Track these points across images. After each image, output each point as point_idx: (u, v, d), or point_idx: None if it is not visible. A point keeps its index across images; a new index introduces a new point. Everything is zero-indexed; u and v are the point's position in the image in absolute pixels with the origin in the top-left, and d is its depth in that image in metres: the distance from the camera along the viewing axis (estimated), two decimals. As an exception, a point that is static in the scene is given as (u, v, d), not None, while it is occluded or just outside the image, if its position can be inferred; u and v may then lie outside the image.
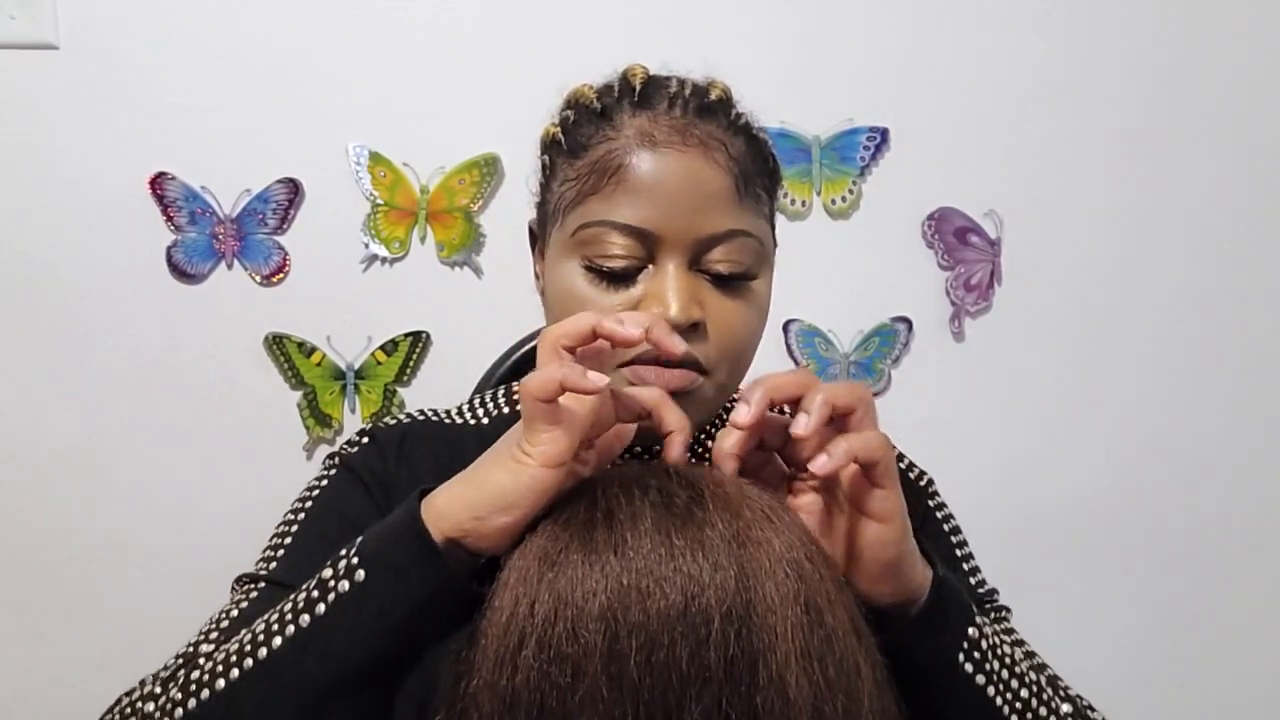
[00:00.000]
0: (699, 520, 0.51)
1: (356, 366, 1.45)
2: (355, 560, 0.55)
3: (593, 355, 0.57)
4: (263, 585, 0.68)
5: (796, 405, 0.56)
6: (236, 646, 0.56)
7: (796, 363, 1.50)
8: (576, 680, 0.48)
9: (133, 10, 1.37)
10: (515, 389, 0.83)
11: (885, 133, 1.47)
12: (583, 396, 0.54)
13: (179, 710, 0.55)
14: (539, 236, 0.75)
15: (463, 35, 1.42)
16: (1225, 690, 1.60)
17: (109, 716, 0.59)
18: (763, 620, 0.49)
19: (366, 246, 1.43)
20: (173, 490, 1.44)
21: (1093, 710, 0.69)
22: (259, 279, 1.43)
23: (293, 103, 1.41)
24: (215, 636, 0.63)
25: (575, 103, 0.71)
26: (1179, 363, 1.54)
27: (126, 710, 0.58)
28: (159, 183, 1.40)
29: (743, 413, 0.56)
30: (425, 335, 1.46)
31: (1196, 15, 1.48)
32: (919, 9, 1.46)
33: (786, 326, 1.49)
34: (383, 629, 0.54)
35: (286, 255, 1.43)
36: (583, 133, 0.69)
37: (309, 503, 0.75)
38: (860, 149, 1.47)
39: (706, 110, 0.68)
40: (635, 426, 0.60)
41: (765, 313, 0.71)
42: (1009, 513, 1.52)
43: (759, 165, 0.70)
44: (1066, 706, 0.66)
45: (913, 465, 0.85)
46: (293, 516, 0.74)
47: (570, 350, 0.55)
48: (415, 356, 1.46)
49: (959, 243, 1.49)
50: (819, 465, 0.53)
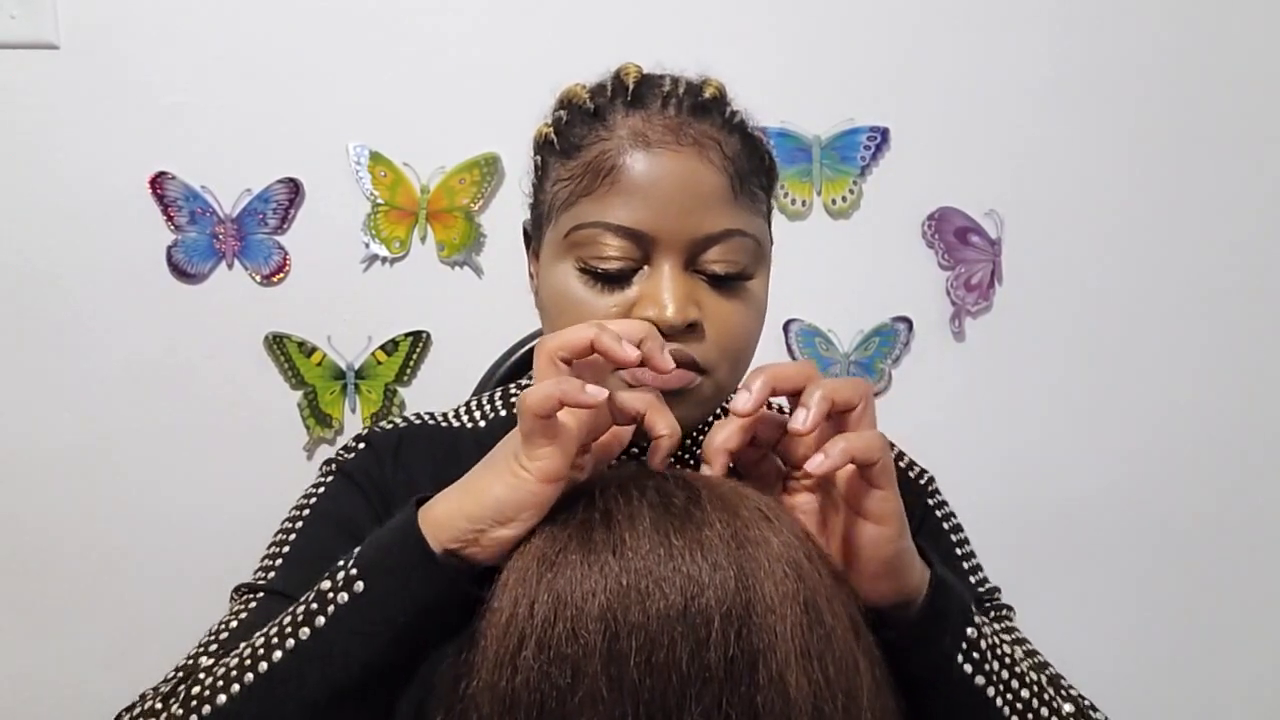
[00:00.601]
0: (697, 520, 0.51)
1: (357, 366, 1.45)
2: (354, 571, 0.54)
3: (590, 365, 0.56)
4: (261, 595, 0.68)
5: (796, 398, 0.55)
6: (236, 661, 0.56)
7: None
8: (576, 681, 0.48)
9: (133, 10, 1.37)
10: (513, 391, 0.83)
11: (886, 132, 1.47)
12: (580, 410, 0.53)
13: None
14: (533, 238, 0.74)
15: (463, 35, 1.42)
16: (1229, 689, 1.60)
17: None
18: (762, 620, 0.49)
19: (367, 246, 1.43)
20: (173, 490, 1.44)
21: (1095, 710, 0.69)
22: (259, 279, 1.43)
23: (293, 102, 1.40)
24: (215, 649, 0.62)
25: (568, 102, 0.70)
26: (1180, 362, 1.54)
27: None
28: (159, 182, 1.39)
29: (743, 399, 0.55)
30: (425, 335, 1.46)
31: (1197, 14, 1.48)
32: (919, 9, 1.45)
33: (787, 326, 1.49)
34: (384, 638, 0.54)
35: (287, 255, 1.43)
36: (576, 133, 0.68)
37: (306, 510, 0.74)
38: (861, 149, 1.46)
39: (701, 109, 0.67)
40: (632, 429, 0.59)
41: (763, 312, 0.70)
42: (1009, 512, 1.52)
43: (754, 164, 0.69)
44: (1069, 706, 0.65)
45: (913, 464, 0.84)
46: (290, 525, 0.74)
47: (567, 361, 0.55)
48: (415, 356, 1.46)
49: (959, 242, 1.49)
50: (815, 465, 0.53)
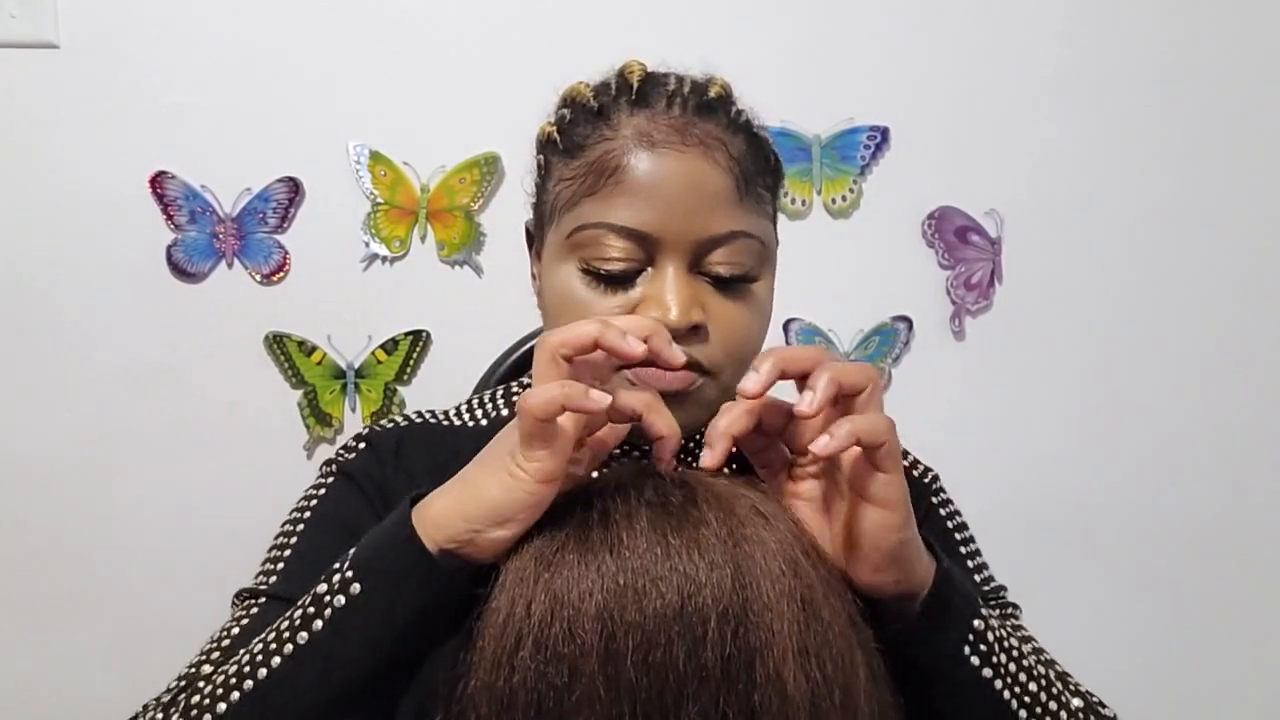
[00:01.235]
0: (694, 519, 0.51)
1: (357, 365, 1.45)
2: (350, 574, 0.54)
3: (591, 362, 0.56)
4: (263, 601, 0.68)
5: (803, 382, 0.55)
6: (235, 668, 0.56)
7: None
8: (573, 680, 0.48)
9: (133, 9, 1.37)
10: (514, 390, 0.82)
11: (886, 132, 1.47)
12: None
13: None
14: (535, 237, 0.73)
15: (463, 34, 1.41)
16: (1231, 687, 1.59)
17: None
18: (759, 618, 0.49)
19: (367, 245, 1.43)
20: (173, 489, 1.44)
21: (1104, 706, 0.68)
22: (259, 278, 1.43)
23: (293, 102, 1.40)
24: (216, 657, 0.62)
25: (572, 101, 0.69)
26: (1181, 361, 1.54)
27: None
28: (159, 182, 1.39)
29: (752, 380, 0.54)
30: (425, 334, 1.46)
31: (1198, 14, 1.48)
32: (920, 8, 1.45)
33: (787, 326, 1.49)
34: (382, 640, 0.53)
35: (287, 254, 1.43)
36: (579, 132, 0.67)
37: (307, 513, 0.74)
38: (861, 148, 1.46)
39: (706, 108, 0.66)
40: (629, 426, 0.58)
41: (767, 314, 0.69)
42: (1009, 512, 1.52)
43: (760, 164, 0.68)
44: (1077, 701, 0.65)
45: (917, 462, 0.84)
46: (290, 527, 0.73)
47: (568, 359, 0.54)
48: (415, 355, 1.46)
49: (959, 242, 1.49)
50: (820, 445, 0.51)
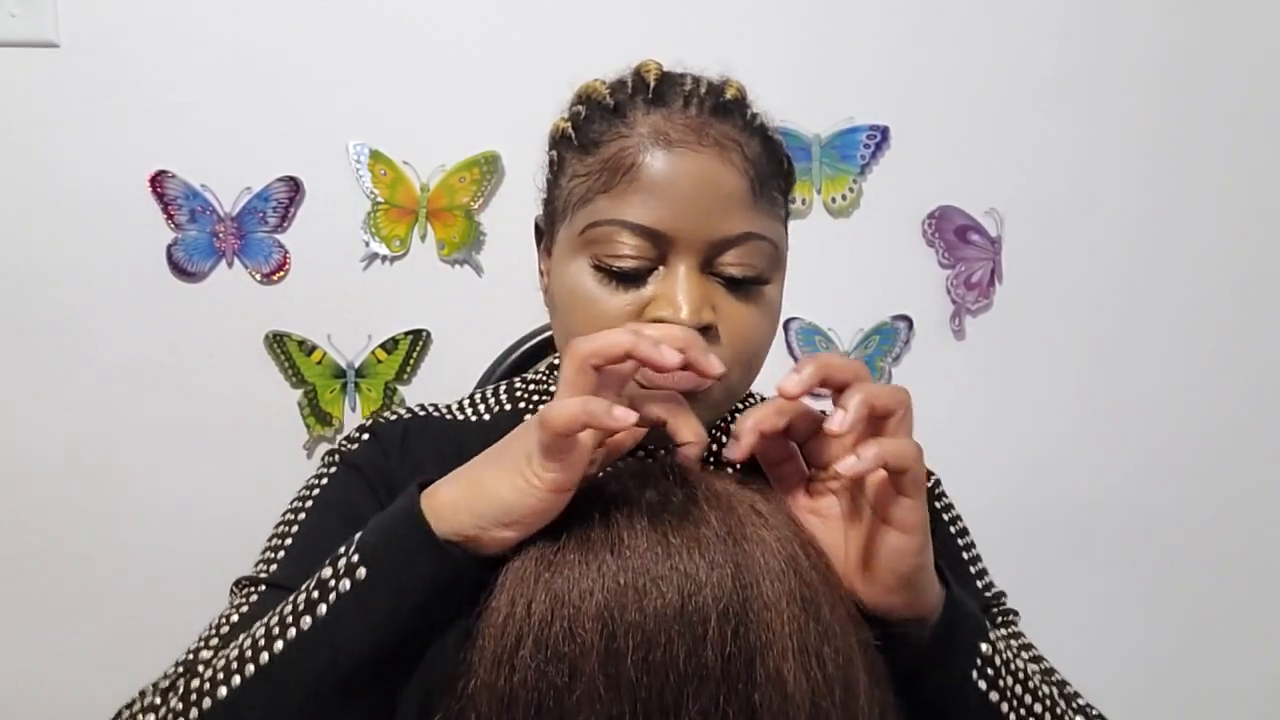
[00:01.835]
0: (695, 519, 0.51)
1: (357, 365, 1.45)
2: (355, 558, 0.54)
3: (617, 370, 0.55)
4: (263, 589, 0.68)
5: (838, 395, 0.55)
6: (237, 652, 0.55)
7: (797, 361, 1.50)
8: (574, 680, 0.48)
9: (134, 9, 1.37)
10: (518, 386, 0.82)
11: (886, 131, 1.47)
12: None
13: None
14: (545, 233, 0.73)
15: (463, 33, 1.41)
16: (1233, 688, 1.60)
17: None
18: (759, 617, 0.49)
19: (367, 245, 1.43)
20: (173, 488, 1.44)
21: None
22: (259, 277, 1.43)
23: (293, 101, 1.40)
24: (215, 643, 0.62)
25: (587, 98, 0.69)
26: (1180, 360, 1.54)
27: None
28: (159, 181, 1.39)
29: (792, 382, 0.54)
30: (425, 333, 1.46)
31: (1198, 13, 1.48)
32: (920, 8, 1.45)
33: (787, 325, 1.49)
34: (387, 625, 0.53)
35: (287, 253, 1.43)
36: (595, 128, 0.67)
37: (309, 502, 0.73)
38: (860, 147, 1.46)
39: (722, 109, 0.67)
40: (645, 430, 0.58)
41: (777, 317, 0.70)
42: (1009, 511, 1.52)
43: (774, 167, 0.68)
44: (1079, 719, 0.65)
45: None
46: (292, 516, 0.73)
47: (598, 369, 0.53)
48: (415, 355, 1.46)
49: (959, 241, 1.49)
50: (847, 466, 0.51)
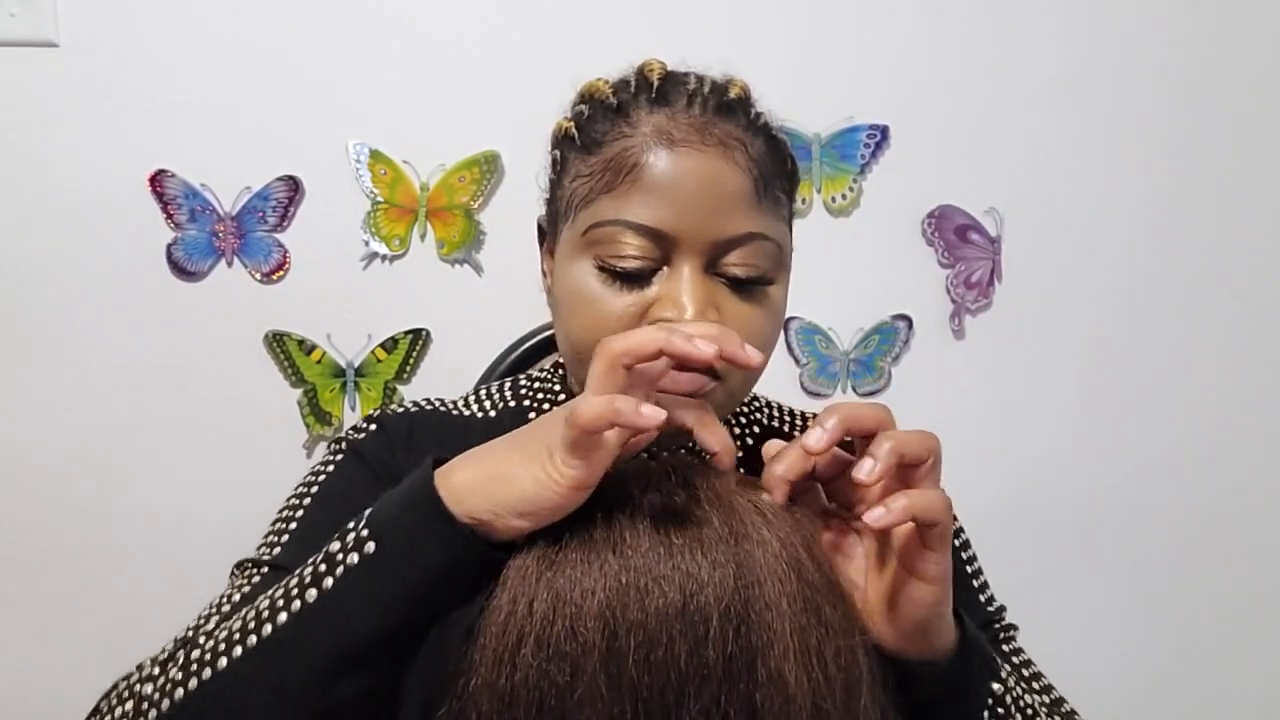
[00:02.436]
0: (697, 519, 0.51)
1: (356, 364, 1.45)
2: (365, 532, 0.53)
3: (646, 370, 0.54)
4: (265, 570, 0.67)
5: (865, 443, 0.54)
6: (239, 624, 0.55)
7: (797, 361, 1.50)
8: (575, 678, 0.48)
9: (133, 8, 1.37)
10: (522, 383, 0.82)
11: (886, 130, 1.47)
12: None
13: (179, 691, 0.54)
14: (548, 234, 0.73)
15: (463, 33, 1.41)
16: (1232, 688, 1.60)
17: (104, 701, 0.58)
18: (760, 617, 0.49)
19: (367, 244, 1.43)
20: (172, 487, 1.44)
21: None
22: (259, 276, 1.43)
23: (293, 100, 1.40)
24: (216, 619, 0.61)
25: (590, 97, 0.69)
26: (1180, 360, 1.54)
27: (124, 693, 0.57)
28: (159, 180, 1.39)
29: (815, 437, 0.53)
30: (425, 333, 1.46)
31: (1198, 13, 1.48)
32: (920, 8, 1.45)
33: (787, 324, 1.49)
34: (394, 601, 0.52)
35: (286, 253, 1.43)
36: (598, 128, 0.67)
37: (314, 488, 0.73)
38: (860, 146, 1.46)
39: (726, 109, 0.66)
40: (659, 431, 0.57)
41: (781, 318, 0.69)
42: (1008, 511, 1.52)
43: (778, 166, 0.68)
44: None
45: None
46: (296, 501, 0.73)
47: (628, 368, 0.52)
48: (415, 354, 1.46)
49: (959, 240, 1.49)
50: (875, 518, 0.51)
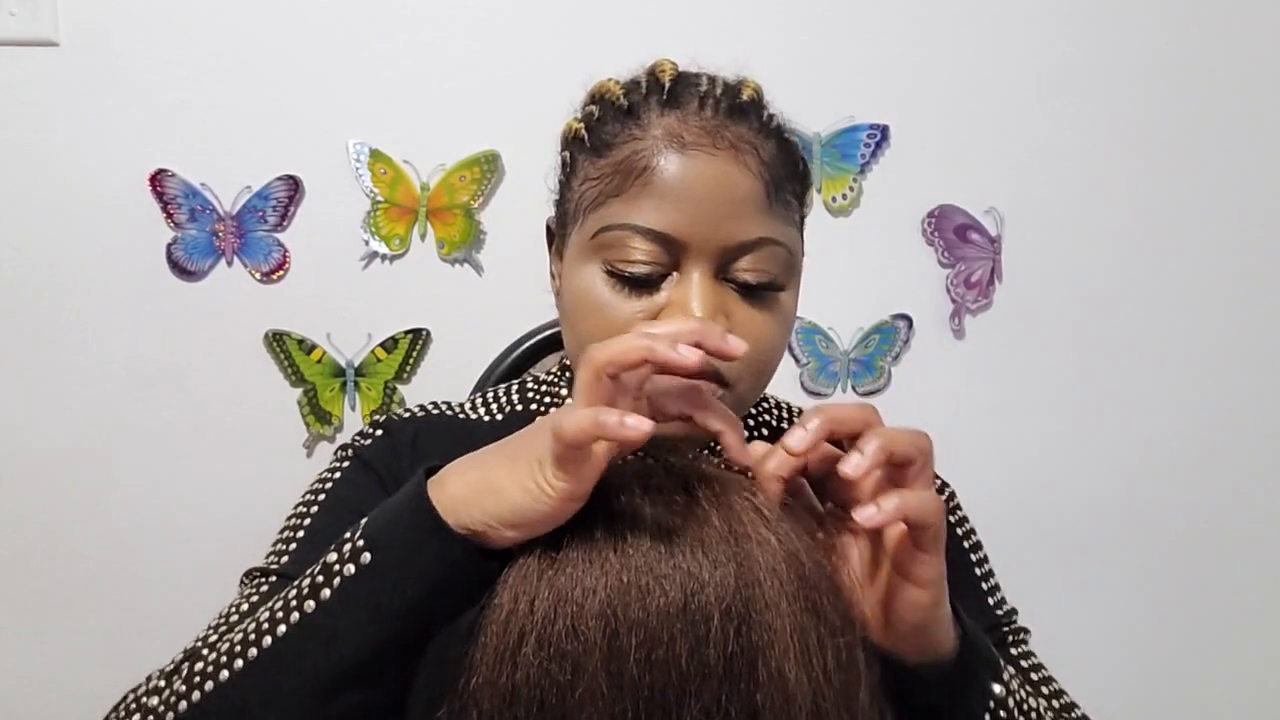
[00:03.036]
0: (698, 517, 0.51)
1: (356, 364, 1.45)
2: (361, 543, 0.53)
3: (637, 377, 0.53)
4: (273, 579, 0.68)
5: (852, 440, 0.53)
6: (240, 636, 0.55)
7: (797, 361, 1.50)
8: (576, 677, 0.48)
9: (133, 7, 1.37)
10: (530, 386, 0.82)
11: (886, 130, 1.47)
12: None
13: (183, 703, 0.55)
14: (557, 236, 0.72)
15: (463, 32, 1.41)
16: (1232, 687, 1.60)
17: (113, 713, 0.58)
18: (761, 617, 0.49)
19: (367, 243, 1.43)
20: (173, 487, 1.43)
21: None
22: (259, 276, 1.43)
23: (293, 100, 1.40)
24: (223, 630, 0.62)
25: (600, 98, 0.68)
26: (1180, 360, 1.54)
27: (131, 705, 0.57)
28: (159, 180, 1.39)
29: (797, 438, 0.52)
30: (425, 332, 1.46)
31: (1198, 13, 1.48)
32: (920, 7, 1.45)
33: (787, 324, 1.49)
34: (392, 610, 0.52)
35: (286, 252, 1.43)
36: (608, 130, 0.66)
37: (321, 495, 0.73)
38: (861, 146, 1.46)
39: (738, 111, 0.66)
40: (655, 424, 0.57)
41: (791, 324, 0.68)
42: (1009, 511, 1.52)
43: (790, 170, 0.67)
44: None
45: (935, 476, 0.82)
46: (304, 509, 0.73)
47: (614, 376, 0.51)
48: (415, 354, 1.46)
49: (959, 240, 1.49)
50: (865, 516, 0.50)
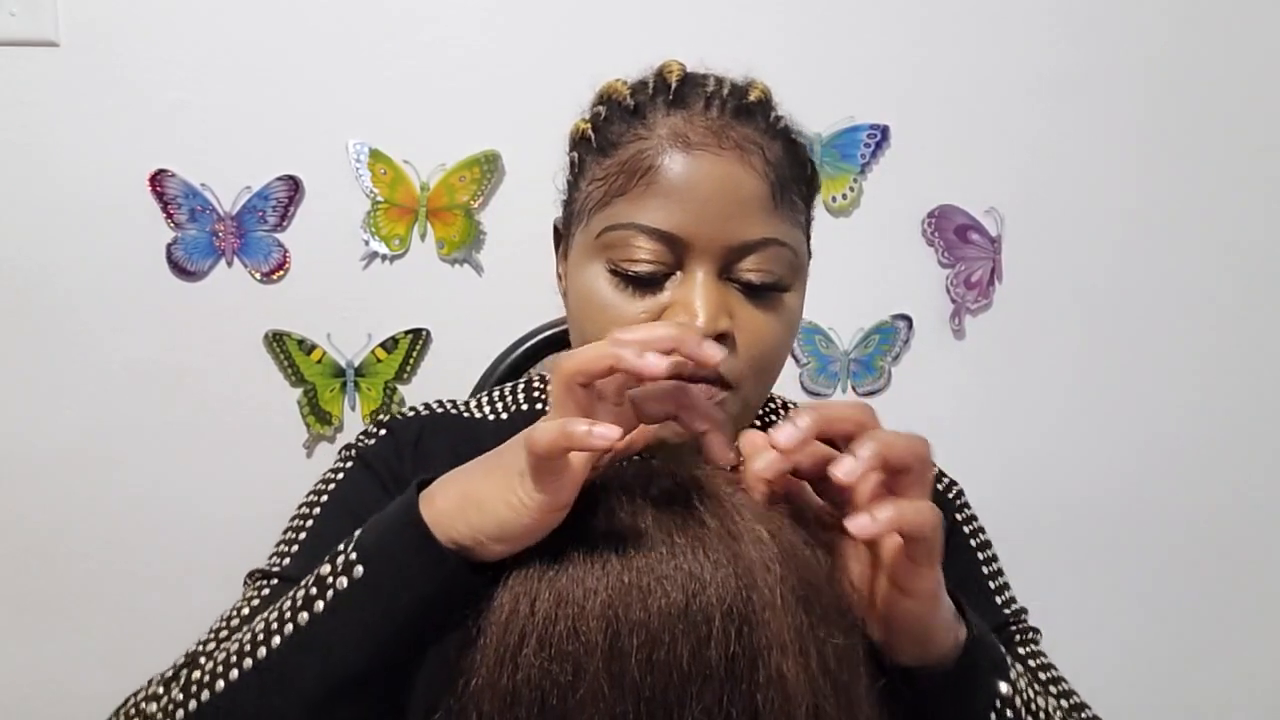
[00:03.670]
0: (698, 518, 0.51)
1: (356, 364, 1.45)
2: (354, 556, 0.53)
3: (615, 383, 0.53)
4: (275, 582, 0.68)
5: (848, 442, 0.51)
6: (236, 646, 0.55)
7: (797, 361, 1.50)
8: (578, 678, 0.48)
9: (133, 7, 1.37)
10: (536, 384, 0.83)
11: (886, 130, 1.47)
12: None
13: (180, 711, 0.55)
14: (563, 236, 0.73)
15: (463, 32, 1.41)
16: (1232, 687, 1.60)
17: (114, 718, 0.59)
18: (761, 617, 0.49)
19: (367, 244, 1.43)
20: (173, 487, 1.43)
21: None
22: (259, 276, 1.43)
23: (293, 100, 1.40)
24: (224, 635, 0.62)
25: (607, 98, 0.69)
26: (1180, 360, 1.54)
27: (131, 711, 0.58)
28: (159, 180, 1.39)
29: (786, 433, 0.50)
30: (425, 332, 1.46)
31: (1197, 12, 1.48)
32: (920, 7, 1.45)
33: (787, 324, 1.48)
34: (384, 625, 0.52)
35: (286, 252, 1.43)
36: (614, 130, 0.67)
37: (324, 496, 0.74)
38: (861, 146, 1.46)
39: (744, 112, 0.66)
40: (655, 427, 0.57)
41: (796, 326, 0.68)
42: (1009, 511, 1.52)
43: (797, 171, 0.67)
44: None
45: (941, 474, 0.82)
46: (307, 510, 0.73)
47: (585, 385, 0.51)
48: (415, 354, 1.46)
49: (959, 240, 1.49)
50: (859, 526, 0.48)
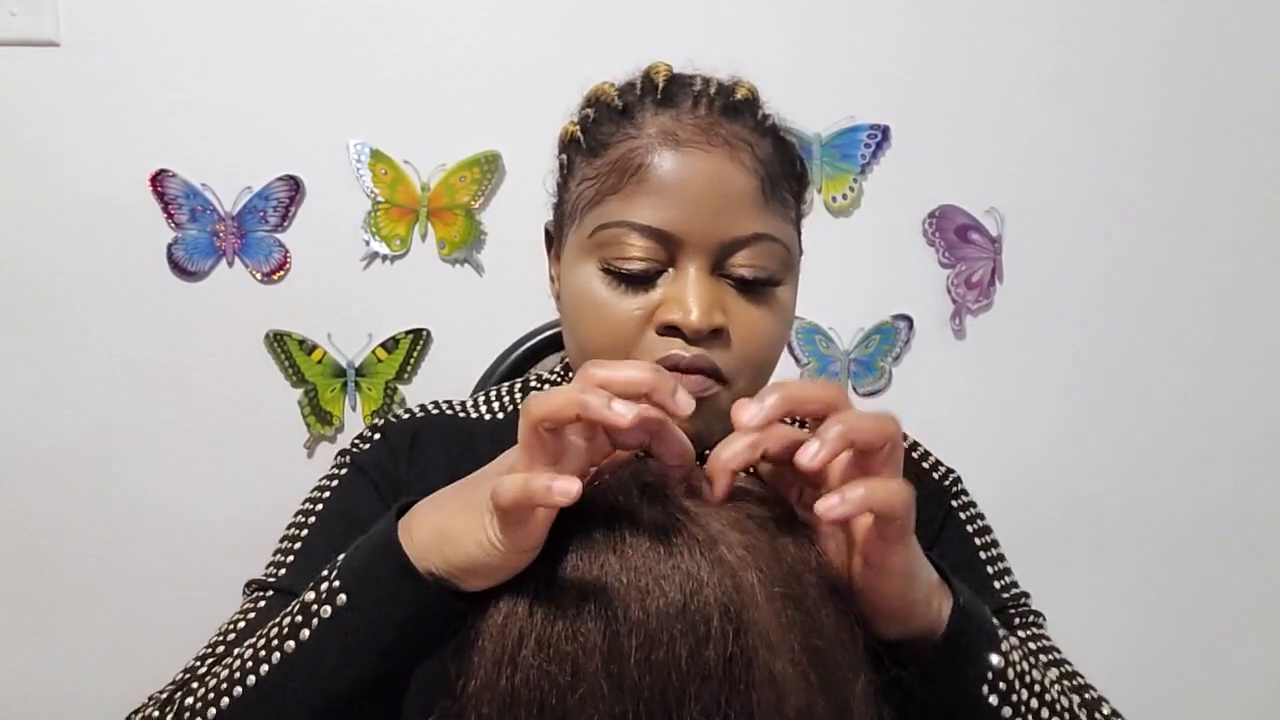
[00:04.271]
0: (696, 518, 0.51)
1: (357, 364, 1.45)
2: (337, 584, 0.53)
3: (588, 426, 0.50)
4: (270, 594, 0.68)
5: (817, 423, 0.49)
6: (227, 673, 0.55)
7: (798, 361, 1.50)
8: (576, 679, 0.48)
9: (134, 7, 1.37)
10: (533, 384, 0.83)
11: (886, 130, 1.47)
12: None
13: None
14: (555, 238, 0.73)
15: (464, 32, 1.41)
16: (1232, 687, 1.59)
17: None
18: (758, 616, 0.49)
19: (367, 244, 1.43)
20: (173, 488, 1.43)
21: None
22: (260, 276, 1.43)
23: (294, 100, 1.40)
24: (221, 650, 0.62)
25: (596, 100, 0.69)
26: (1181, 360, 1.54)
27: None
28: (159, 180, 1.39)
29: (751, 412, 0.48)
30: (426, 333, 1.46)
31: (1197, 12, 1.48)
32: (920, 7, 1.45)
33: (787, 324, 1.48)
34: (369, 653, 0.52)
35: (287, 253, 1.43)
36: (603, 131, 0.67)
37: (319, 505, 0.74)
38: (861, 146, 1.46)
39: (732, 110, 0.66)
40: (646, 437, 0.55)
41: (789, 321, 0.69)
42: (1010, 511, 1.51)
43: (786, 168, 0.68)
44: None
45: (938, 464, 0.82)
46: (302, 519, 0.73)
47: (553, 431, 0.48)
48: (416, 354, 1.46)
49: (960, 240, 1.49)
50: (828, 508, 0.47)
